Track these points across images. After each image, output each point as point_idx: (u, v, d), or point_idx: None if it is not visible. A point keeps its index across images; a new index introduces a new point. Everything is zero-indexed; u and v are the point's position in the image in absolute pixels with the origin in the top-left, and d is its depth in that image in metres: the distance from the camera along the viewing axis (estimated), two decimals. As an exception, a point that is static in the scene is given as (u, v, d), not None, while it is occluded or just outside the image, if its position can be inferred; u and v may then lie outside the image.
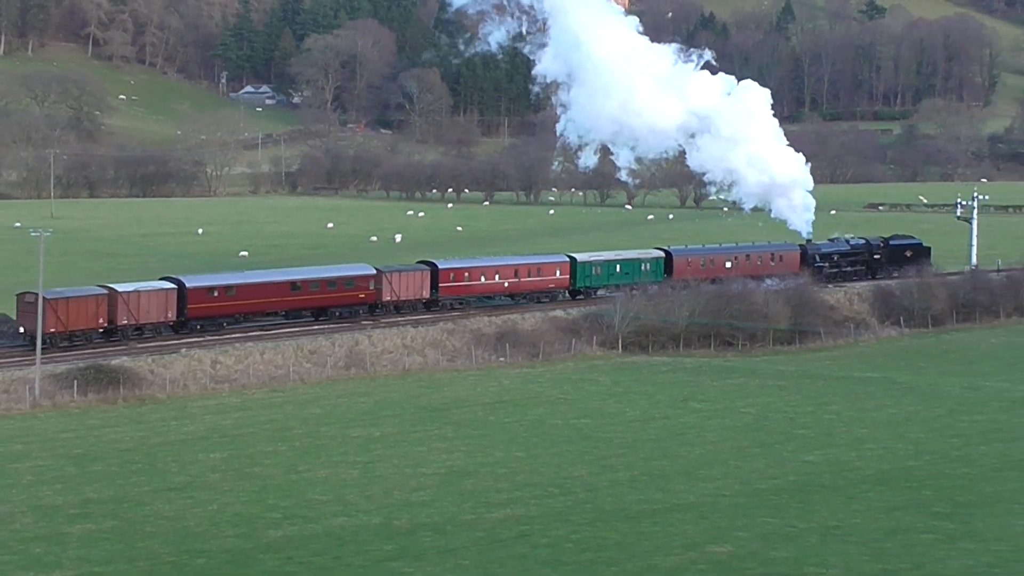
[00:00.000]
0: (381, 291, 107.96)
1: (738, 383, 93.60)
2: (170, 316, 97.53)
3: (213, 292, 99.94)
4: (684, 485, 64.13)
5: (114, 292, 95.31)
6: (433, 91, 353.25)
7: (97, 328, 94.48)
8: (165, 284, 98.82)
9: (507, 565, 51.62)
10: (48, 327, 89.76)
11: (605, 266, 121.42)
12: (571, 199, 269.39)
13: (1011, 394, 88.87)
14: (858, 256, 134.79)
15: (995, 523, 56.85)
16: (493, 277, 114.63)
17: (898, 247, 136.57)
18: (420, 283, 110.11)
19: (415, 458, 69.96)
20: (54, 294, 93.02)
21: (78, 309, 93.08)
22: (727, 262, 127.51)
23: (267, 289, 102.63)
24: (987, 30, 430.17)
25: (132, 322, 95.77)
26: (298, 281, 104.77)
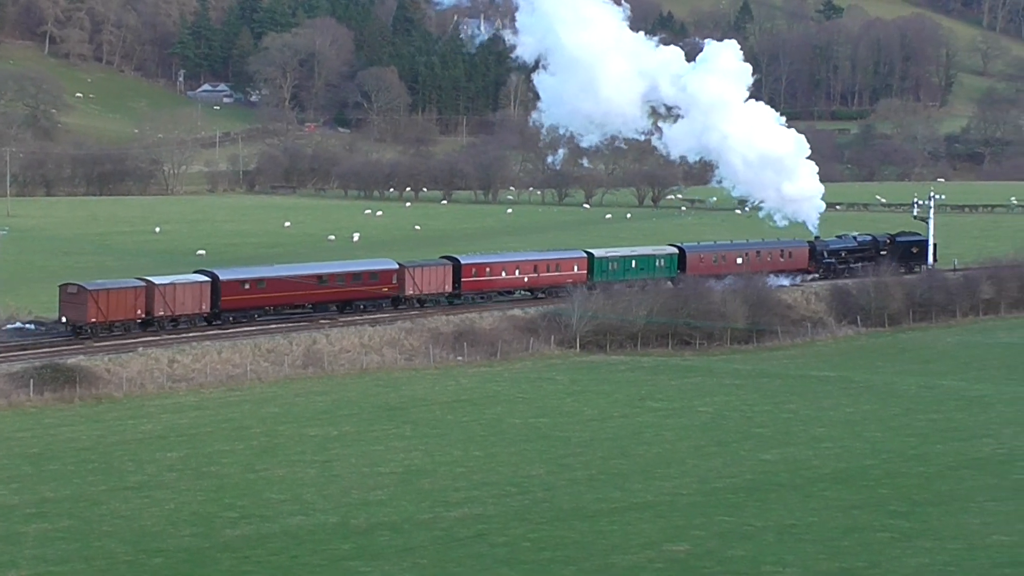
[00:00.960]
0: (404, 285, 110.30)
1: (696, 382, 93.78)
2: (204, 308, 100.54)
3: (245, 285, 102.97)
4: (642, 484, 64.19)
5: (151, 284, 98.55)
6: (391, 90, 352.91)
7: (135, 319, 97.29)
8: (200, 277, 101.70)
9: (465, 564, 51.58)
10: (89, 317, 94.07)
11: (621, 262, 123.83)
12: (529, 198, 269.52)
13: (967, 393, 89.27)
14: (865, 252, 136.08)
15: (951, 521, 57.08)
16: (514, 272, 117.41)
17: (904, 243, 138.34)
18: (442, 278, 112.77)
19: (373, 457, 69.85)
20: (95, 286, 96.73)
21: (118, 300, 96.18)
22: (738, 258, 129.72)
23: (295, 283, 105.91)
24: (943, 30, 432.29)
25: (168, 313, 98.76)
26: (324, 275, 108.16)
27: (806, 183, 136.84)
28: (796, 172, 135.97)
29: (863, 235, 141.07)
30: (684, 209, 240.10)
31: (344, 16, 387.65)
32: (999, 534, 54.79)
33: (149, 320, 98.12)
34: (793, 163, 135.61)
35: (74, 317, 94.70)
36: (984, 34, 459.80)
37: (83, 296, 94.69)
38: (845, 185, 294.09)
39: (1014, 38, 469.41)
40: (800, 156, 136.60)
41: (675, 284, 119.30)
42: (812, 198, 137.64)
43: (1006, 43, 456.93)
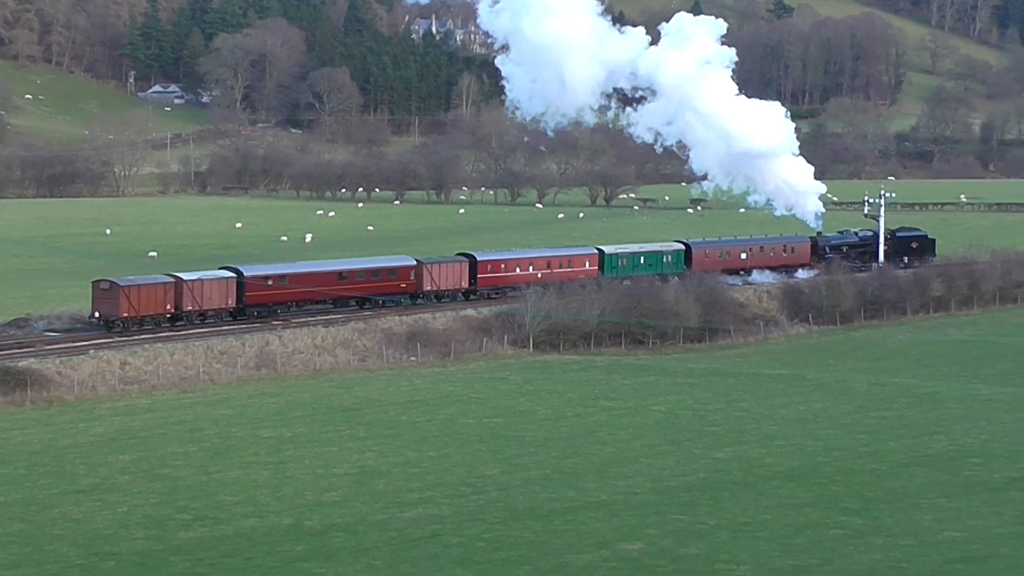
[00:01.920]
0: (422, 281, 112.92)
1: (649, 381, 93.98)
2: (230, 303, 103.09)
3: (268, 281, 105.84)
4: (596, 483, 64.30)
5: (180, 280, 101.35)
6: (343, 90, 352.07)
7: (165, 314, 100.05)
8: (226, 273, 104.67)
9: (419, 565, 51.58)
10: (121, 312, 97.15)
11: (631, 258, 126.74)
12: (482, 198, 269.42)
13: (918, 390, 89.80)
14: (866, 247, 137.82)
15: (903, 518, 57.42)
16: (528, 268, 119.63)
17: (904, 238, 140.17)
18: (459, 274, 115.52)
19: (326, 458, 69.73)
20: (127, 282, 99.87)
21: (148, 296, 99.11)
22: (742, 254, 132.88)
23: (317, 279, 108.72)
24: (893, 29, 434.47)
25: (196, 308, 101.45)
26: (345, 271, 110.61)
27: (797, 172, 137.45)
28: (783, 161, 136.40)
29: (864, 231, 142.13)
30: (637, 208, 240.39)
31: (295, 17, 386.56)
32: (950, 530, 55.16)
33: (177, 315, 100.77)
34: (778, 151, 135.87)
35: (106, 312, 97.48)
36: (933, 33, 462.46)
37: (115, 292, 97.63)
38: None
39: (962, 37, 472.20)
40: (788, 144, 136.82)
41: (682, 279, 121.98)
42: (807, 190, 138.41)
43: (954, 42, 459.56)
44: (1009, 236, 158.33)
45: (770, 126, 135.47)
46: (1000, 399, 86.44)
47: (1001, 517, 57.36)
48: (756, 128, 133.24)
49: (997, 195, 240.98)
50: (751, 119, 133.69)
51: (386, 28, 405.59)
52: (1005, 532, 55.01)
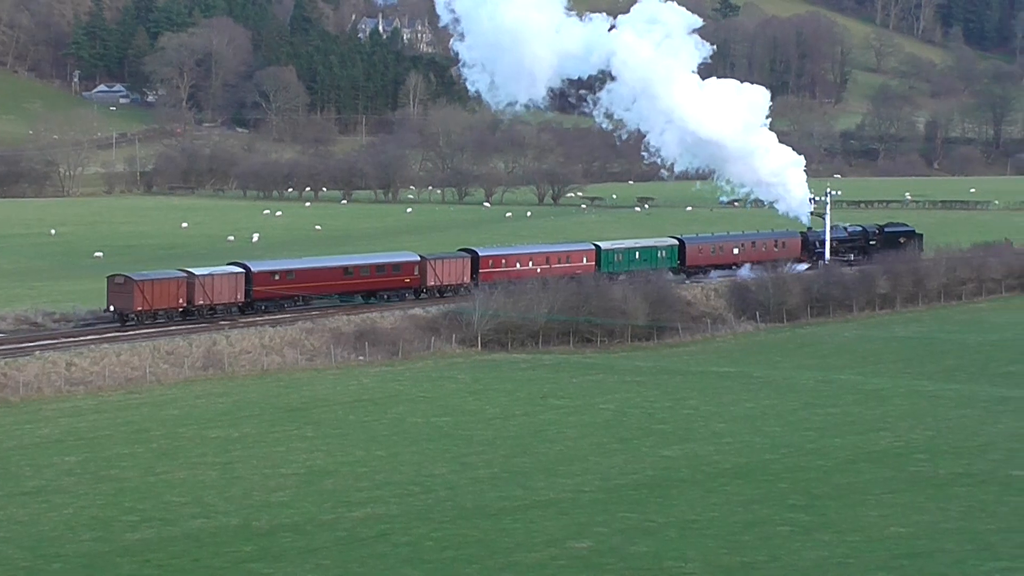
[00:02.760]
0: (425, 276, 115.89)
1: (597, 379, 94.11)
2: (239, 297, 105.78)
3: (275, 276, 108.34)
4: (544, 481, 64.35)
5: (192, 275, 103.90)
6: (289, 89, 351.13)
7: (177, 307, 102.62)
8: (235, 268, 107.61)
9: (368, 564, 51.51)
10: (135, 306, 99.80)
11: (626, 253, 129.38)
12: (430, 197, 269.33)
13: (864, 386, 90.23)
14: (855, 242, 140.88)
15: (849, 514, 57.70)
16: (527, 263, 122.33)
17: (892, 233, 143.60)
18: (461, 269, 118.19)
19: (274, 458, 69.56)
20: (141, 276, 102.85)
21: (162, 290, 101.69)
22: (735, 248, 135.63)
23: (323, 273, 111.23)
24: (838, 28, 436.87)
25: (207, 302, 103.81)
26: (350, 267, 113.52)
27: (776, 165, 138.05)
28: (757, 152, 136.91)
29: (853, 226, 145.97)
30: (584, 207, 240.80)
31: (241, 16, 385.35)
32: (896, 526, 55.48)
33: (188, 309, 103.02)
34: (750, 142, 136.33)
35: (121, 306, 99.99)
36: (878, 31, 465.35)
37: (130, 286, 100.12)
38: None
39: (906, 36, 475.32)
40: (762, 137, 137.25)
41: (676, 274, 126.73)
42: (786, 182, 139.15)
43: (899, 41, 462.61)
44: (953, 234, 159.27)
45: (740, 112, 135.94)
46: (945, 395, 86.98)
47: (946, 513, 57.72)
48: (723, 114, 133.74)
49: (941, 192, 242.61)
50: (719, 103, 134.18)
51: (333, 27, 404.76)
52: (950, 527, 55.37)
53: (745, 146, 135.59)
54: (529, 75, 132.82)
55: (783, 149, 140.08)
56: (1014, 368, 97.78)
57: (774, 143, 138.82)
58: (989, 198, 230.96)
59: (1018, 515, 57.28)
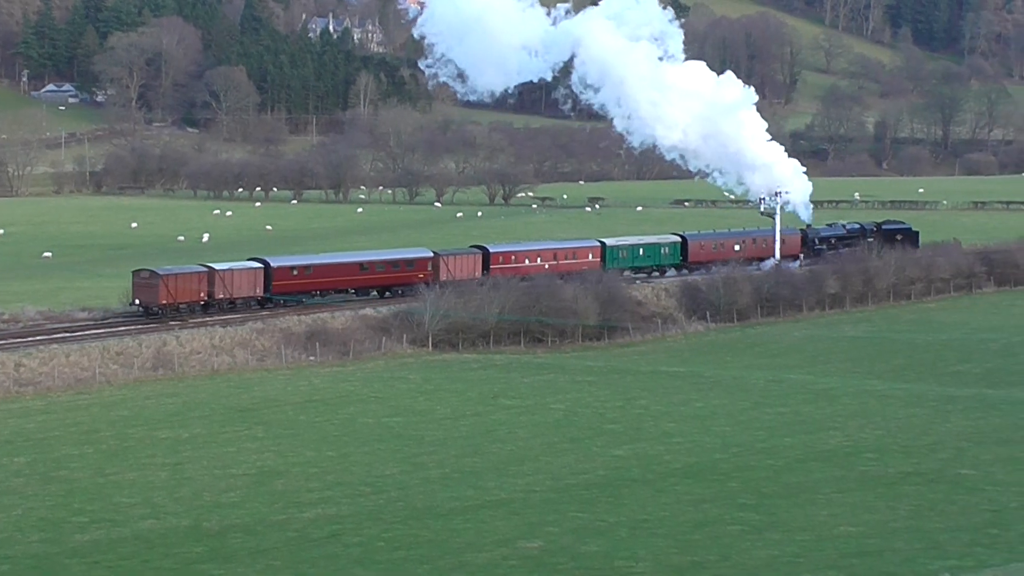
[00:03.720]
0: (438, 272, 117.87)
1: (548, 379, 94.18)
2: (258, 291, 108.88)
3: (294, 271, 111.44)
4: (495, 481, 64.37)
5: (212, 270, 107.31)
6: (240, 89, 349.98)
7: (199, 301, 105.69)
8: (254, 264, 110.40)
9: (319, 565, 51.42)
10: (160, 299, 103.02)
11: (630, 250, 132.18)
12: (380, 197, 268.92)
13: (814, 386, 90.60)
14: (853, 239, 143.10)
15: (799, 513, 57.92)
16: (536, 259, 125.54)
17: (890, 231, 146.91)
18: (473, 265, 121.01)
19: (225, 459, 69.35)
20: (165, 271, 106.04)
21: (185, 284, 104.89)
22: (736, 245, 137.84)
23: (339, 269, 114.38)
24: (788, 29, 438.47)
25: (227, 296, 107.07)
26: (366, 263, 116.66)
27: (756, 150, 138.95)
28: (736, 136, 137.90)
29: (852, 223, 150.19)
30: (535, 207, 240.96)
31: (191, 15, 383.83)
32: (846, 525, 55.71)
33: (209, 302, 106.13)
34: (728, 127, 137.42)
35: (146, 300, 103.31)
36: (827, 32, 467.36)
37: (155, 280, 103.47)
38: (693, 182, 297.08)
39: (856, 36, 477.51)
40: (742, 122, 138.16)
41: (679, 270, 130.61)
42: (771, 168, 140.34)
43: (848, 41, 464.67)
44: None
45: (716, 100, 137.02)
46: (894, 395, 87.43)
47: (895, 511, 58.01)
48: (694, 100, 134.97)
49: (890, 192, 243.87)
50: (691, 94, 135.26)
51: (283, 27, 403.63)
52: (899, 526, 55.64)
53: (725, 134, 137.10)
54: (498, 63, 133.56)
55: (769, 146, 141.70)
56: (962, 367, 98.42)
57: (758, 133, 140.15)
58: (937, 198, 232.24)
59: (966, 514, 57.63)
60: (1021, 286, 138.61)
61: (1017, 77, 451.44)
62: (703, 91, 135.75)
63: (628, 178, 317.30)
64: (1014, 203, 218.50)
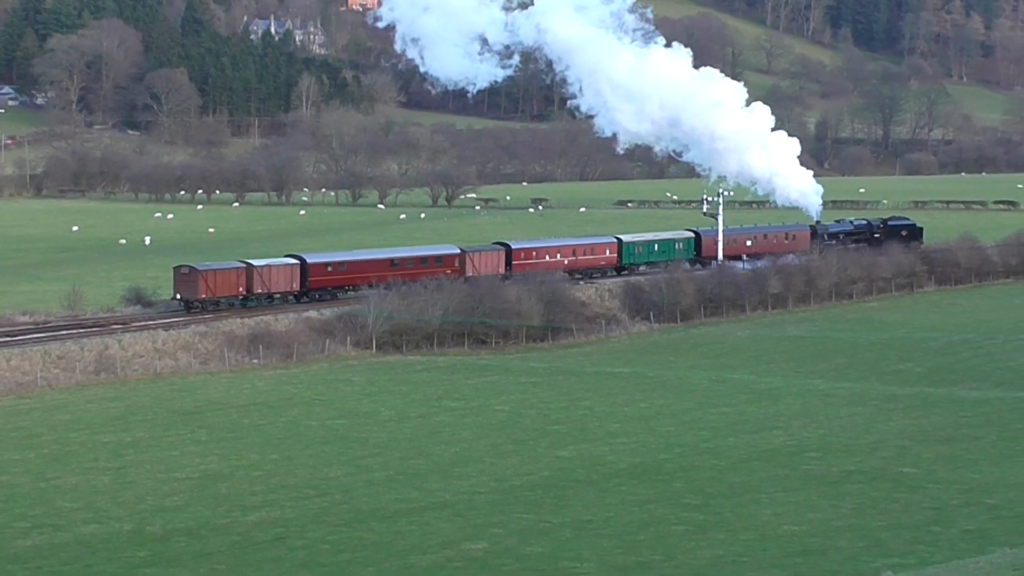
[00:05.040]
0: (464, 267, 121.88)
1: (492, 381, 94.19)
2: (295, 286, 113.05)
3: (328, 267, 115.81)
4: (440, 483, 64.35)
5: (251, 266, 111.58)
6: (181, 91, 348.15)
7: (237, 295, 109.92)
8: (291, 260, 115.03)
9: (263, 568, 51.27)
10: (199, 294, 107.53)
11: (646, 246, 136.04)
12: (323, 199, 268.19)
13: (757, 386, 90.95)
14: (861, 235, 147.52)
15: (743, 512, 58.15)
16: (556, 256, 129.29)
17: (895, 227, 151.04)
18: (497, 261, 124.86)
19: (168, 463, 69.05)
20: (204, 267, 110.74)
21: (224, 280, 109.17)
22: (748, 241, 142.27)
23: (372, 265, 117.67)
24: (729, 29, 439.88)
25: (265, 291, 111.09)
26: (396, 259, 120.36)
27: (733, 133, 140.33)
28: (713, 121, 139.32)
29: (859, 220, 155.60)
30: (479, 208, 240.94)
31: (131, 17, 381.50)
32: (790, 524, 55.99)
33: (248, 297, 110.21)
34: (704, 112, 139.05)
35: (187, 294, 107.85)
36: (768, 33, 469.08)
37: (194, 276, 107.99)
38: (636, 183, 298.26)
39: (796, 37, 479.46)
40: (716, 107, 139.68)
41: (692, 265, 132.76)
42: (744, 150, 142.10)
43: (789, 42, 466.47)
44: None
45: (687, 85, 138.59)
46: (837, 394, 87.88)
47: (838, 510, 58.33)
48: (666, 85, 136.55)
49: (831, 192, 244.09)
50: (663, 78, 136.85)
51: (224, 28, 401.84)
52: (842, 525, 55.95)
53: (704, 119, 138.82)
54: (459, 46, 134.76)
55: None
56: (904, 366, 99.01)
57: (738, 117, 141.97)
58: (878, 198, 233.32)
59: (908, 512, 58.02)
60: (962, 285, 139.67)
61: (956, 77, 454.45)
62: (675, 75, 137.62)
63: (571, 179, 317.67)
64: (953, 202, 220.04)
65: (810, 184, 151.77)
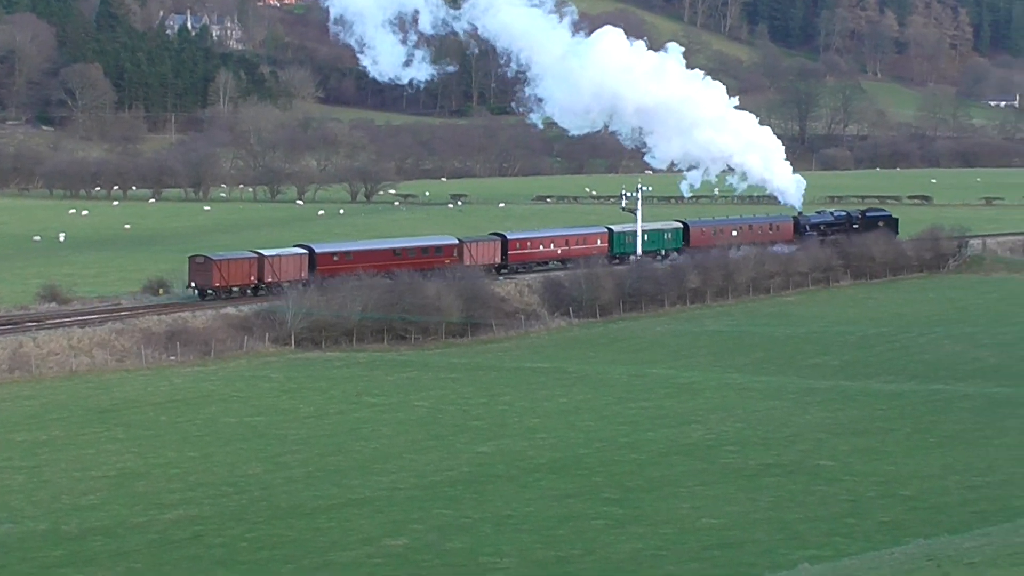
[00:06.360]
0: (463, 257, 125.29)
1: (412, 377, 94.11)
2: (304, 275, 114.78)
3: (335, 257, 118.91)
4: (360, 480, 64.22)
5: (262, 255, 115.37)
6: (96, 87, 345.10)
7: (249, 284, 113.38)
8: (299, 250, 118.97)
9: (181, 567, 50.97)
10: (214, 282, 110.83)
11: (636, 235, 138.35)
12: (241, 195, 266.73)
13: (676, 380, 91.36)
14: (841, 225, 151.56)
15: (662, 506, 58.40)
16: (549, 245, 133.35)
17: (872, 218, 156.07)
18: (493, 251, 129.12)
19: (84, 461, 68.49)
20: (219, 256, 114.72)
21: (237, 269, 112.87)
22: (733, 231, 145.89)
23: (376, 255, 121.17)
24: (647, 25, 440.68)
25: (275, 280, 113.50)
26: (399, 248, 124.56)
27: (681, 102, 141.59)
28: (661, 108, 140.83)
29: (839, 211, 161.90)
30: (398, 204, 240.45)
31: (45, 12, 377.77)
32: (708, 517, 56.28)
33: (259, 284, 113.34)
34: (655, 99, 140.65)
35: (201, 283, 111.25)
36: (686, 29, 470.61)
37: (208, 265, 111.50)
38: (555, 178, 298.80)
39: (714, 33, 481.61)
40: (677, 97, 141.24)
41: (680, 254, 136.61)
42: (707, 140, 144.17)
43: (707, 38, 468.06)
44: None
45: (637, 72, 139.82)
46: (754, 388, 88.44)
47: (756, 503, 58.69)
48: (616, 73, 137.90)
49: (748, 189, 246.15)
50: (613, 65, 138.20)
51: (140, 24, 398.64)
52: (760, 518, 56.29)
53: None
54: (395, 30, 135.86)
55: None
56: (820, 360, 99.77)
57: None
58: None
59: (825, 504, 58.46)
60: (877, 279, 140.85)
61: (871, 73, 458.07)
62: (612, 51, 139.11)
63: (491, 175, 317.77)
64: (869, 197, 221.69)
65: (793, 177, 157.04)
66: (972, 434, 73.32)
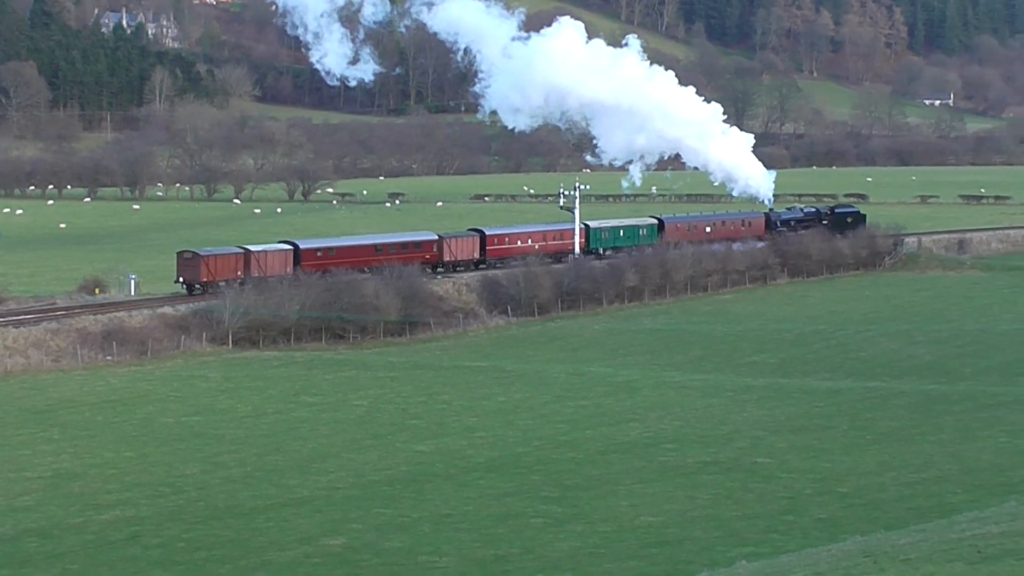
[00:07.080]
0: (442, 253, 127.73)
1: (350, 376, 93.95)
2: (288, 270, 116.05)
3: (319, 252, 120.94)
4: (298, 479, 64.06)
5: (248, 251, 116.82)
6: (30, 85, 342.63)
7: (236, 279, 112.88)
8: (284, 246, 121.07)
9: (117, 568, 50.69)
10: (201, 277, 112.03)
11: (612, 231, 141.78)
12: (178, 194, 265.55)
13: (614, 379, 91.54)
14: (811, 222, 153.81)
15: (601, 504, 58.50)
16: (527, 241, 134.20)
17: (841, 214, 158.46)
18: (472, 246, 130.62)
19: (19, 462, 68.01)
20: (206, 252, 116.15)
21: (223, 264, 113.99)
22: (707, 227, 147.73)
23: (358, 251, 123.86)
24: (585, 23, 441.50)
25: (261, 274, 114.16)
26: (380, 244, 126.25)
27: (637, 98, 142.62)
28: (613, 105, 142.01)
29: (809, 207, 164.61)
30: (335, 203, 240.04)
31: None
32: (647, 515, 56.42)
33: (245, 280, 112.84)
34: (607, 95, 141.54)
35: (189, 277, 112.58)
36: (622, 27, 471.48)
37: (196, 260, 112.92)
38: (493, 177, 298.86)
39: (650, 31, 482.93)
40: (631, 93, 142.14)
41: (655, 249, 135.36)
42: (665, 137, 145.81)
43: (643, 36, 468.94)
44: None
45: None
46: (692, 385, 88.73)
47: (694, 501, 58.89)
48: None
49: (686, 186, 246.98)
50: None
51: (74, 21, 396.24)
52: (698, 515, 56.48)
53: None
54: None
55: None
56: (758, 358, 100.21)
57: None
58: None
59: (763, 501, 58.72)
60: (813, 277, 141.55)
61: (807, 72, 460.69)
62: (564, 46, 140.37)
63: (428, 173, 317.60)
64: (805, 195, 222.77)
65: (763, 172, 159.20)
66: (908, 431, 73.79)
